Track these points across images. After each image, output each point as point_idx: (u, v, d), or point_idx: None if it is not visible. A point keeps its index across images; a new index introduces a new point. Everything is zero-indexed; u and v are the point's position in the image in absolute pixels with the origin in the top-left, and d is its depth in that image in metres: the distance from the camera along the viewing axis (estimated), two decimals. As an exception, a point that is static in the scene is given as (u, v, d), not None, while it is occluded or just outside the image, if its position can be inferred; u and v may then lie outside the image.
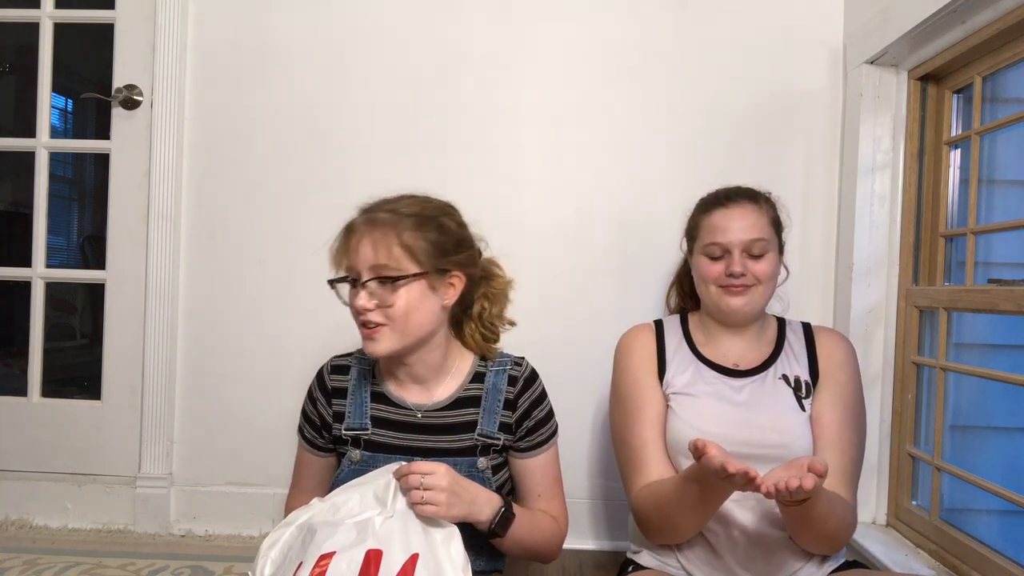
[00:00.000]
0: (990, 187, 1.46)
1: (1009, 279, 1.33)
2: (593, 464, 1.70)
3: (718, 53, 1.68)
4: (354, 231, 1.01)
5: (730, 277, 1.13)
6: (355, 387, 1.08)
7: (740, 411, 1.12)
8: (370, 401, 1.07)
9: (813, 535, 1.03)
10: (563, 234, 1.70)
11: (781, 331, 1.22)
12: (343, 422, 1.06)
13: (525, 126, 1.70)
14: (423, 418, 1.06)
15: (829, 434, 1.10)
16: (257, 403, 1.70)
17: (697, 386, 1.16)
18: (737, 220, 1.14)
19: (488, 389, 1.08)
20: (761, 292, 1.15)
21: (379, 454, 1.04)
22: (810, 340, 1.20)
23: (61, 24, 1.79)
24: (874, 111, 1.54)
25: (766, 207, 1.17)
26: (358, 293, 0.98)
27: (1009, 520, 1.52)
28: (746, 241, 1.13)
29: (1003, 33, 1.22)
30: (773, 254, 1.15)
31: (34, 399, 1.79)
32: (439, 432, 1.05)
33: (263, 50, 1.72)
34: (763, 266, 1.13)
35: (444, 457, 1.03)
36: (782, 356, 1.18)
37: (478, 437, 1.06)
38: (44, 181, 1.80)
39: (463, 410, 1.07)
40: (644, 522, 1.12)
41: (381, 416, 1.06)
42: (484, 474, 1.05)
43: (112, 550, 1.59)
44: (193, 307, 1.74)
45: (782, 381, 1.15)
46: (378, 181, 1.68)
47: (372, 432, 1.05)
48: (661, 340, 1.22)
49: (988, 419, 1.59)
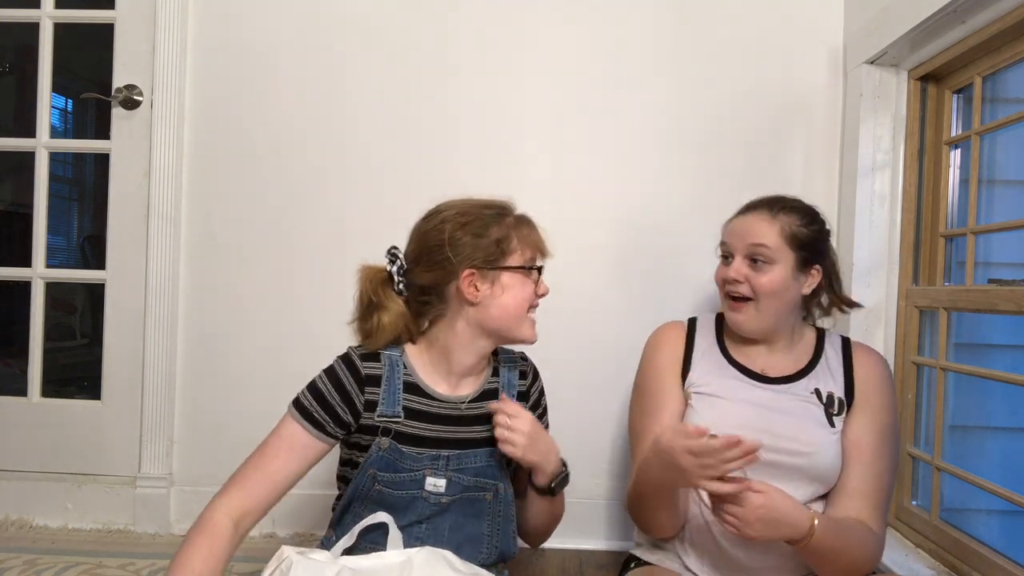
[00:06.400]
0: (990, 187, 1.46)
1: (1009, 279, 1.33)
2: (594, 464, 1.70)
3: (718, 53, 1.67)
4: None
5: (730, 283, 1.14)
6: (389, 375, 1.06)
7: (763, 416, 1.10)
8: (403, 391, 1.06)
9: (827, 568, 1.02)
10: (563, 234, 1.67)
11: (820, 343, 1.20)
12: (374, 411, 1.04)
13: (525, 126, 1.70)
14: (466, 410, 1.08)
15: (861, 458, 1.08)
16: (257, 403, 1.69)
17: (722, 386, 1.15)
18: (744, 225, 1.14)
19: (504, 384, 1.13)
20: (761, 309, 1.12)
21: (408, 445, 1.04)
22: (847, 357, 1.17)
23: (61, 24, 1.79)
24: (874, 111, 1.54)
25: (783, 217, 1.12)
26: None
27: (1009, 520, 1.52)
28: (747, 246, 1.12)
29: (1003, 33, 1.22)
30: (780, 269, 1.11)
31: (34, 399, 1.79)
32: (469, 423, 1.08)
33: (263, 50, 1.72)
34: (763, 279, 1.11)
35: (471, 448, 1.07)
36: (817, 369, 1.16)
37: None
38: (44, 181, 1.80)
39: (487, 401, 1.09)
40: (629, 510, 1.17)
41: (412, 407, 1.06)
42: (500, 462, 1.08)
43: (112, 550, 1.59)
44: (193, 307, 1.74)
45: (813, 395, 1.13)
46: (377, 181, 1.71)
47: (403, 422, 1.05)
48: (691, 340, 1.23)
49: (988, 419, 1.59)
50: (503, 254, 1.03)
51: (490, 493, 1.07)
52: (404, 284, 1.07)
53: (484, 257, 1.02)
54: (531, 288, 1.06)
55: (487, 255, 1.02)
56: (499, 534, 1.08)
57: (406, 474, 1.03)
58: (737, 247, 1.14)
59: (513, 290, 1.04)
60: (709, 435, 0.91)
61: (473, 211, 1.05)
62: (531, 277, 1.06)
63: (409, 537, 1.03)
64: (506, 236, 1.03)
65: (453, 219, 1.04)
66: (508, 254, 1.03)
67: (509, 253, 1.03)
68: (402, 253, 1.09)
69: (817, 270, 1.15)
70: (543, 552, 1.66)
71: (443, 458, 1.04)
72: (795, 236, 1.12)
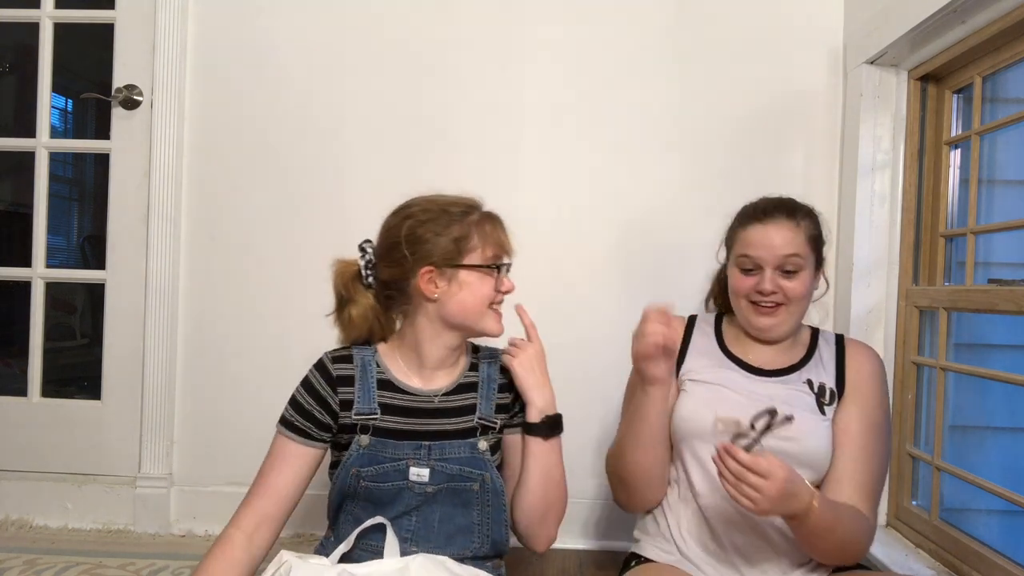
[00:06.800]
0: (990, 187, 1.46)
1: (1009, 279, 1.33)
2: (594, 464, 1.70)
3: (718, 53, 1.68)
4: None
5: (760, 294, 1.14)
6: (361, 375, 1.09)
7: (755, 401, 1.11)
8: (376, 388, 1.09)
9: (819, 547, 1.03)
10: (562, 234, 1.70)
11: (814, 341, 1.22)
12: (351, 409, 1.07)
13: (524, 126, 1.70)
14: (439, 403, 1.09)
15: (851, 445, 1.10)
16: (257, 403, 1.70)
17: (716, 376, 1.18)
18: (772, 236, 1.13)
19: (483, 378, 1.14)
20: (792, 311, 1.14)
21: (387, 439, 1.06)
22: (840, 351, 1.19)
23: (61, 24, 1.79)
24: (874, 111, 1.54)
25: (804, 223, 1.14)
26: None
27: (1009, 520, 1.52)
28: (779, 258, 1.12)
29: (1003, 33, 1.22)
30: (807, 272, 1.13)
31: (34, 399, 1.79)
32: (445, 415, 1.09)
33: (263, 50, 1.72)
34: (795, 284, 1.12)
35: (450, 440, 1.07)
36: (810, 363, 1.18)
37: (478, 420, 1.10)
38: (44, 181, 1.80)
39: (464, 395, 1.12)
40: (609, 476, 1.21)
41: (387, 403, 1.08)
42: (484, 455, 1.09)
43: (112, 550, 1.59)
44: (193, 307, 1.74)
45: (805, 385, 1.15)
46: (377, 181, 1.71)
47: (380, 418, 1.07)
48: (688, 335, 1.25)
49: (988, 419, 1.59)
50: (461, 252, 1.05)
51: (476, 483, 1.08)
52: (372, 278, 1.10)
53: (442, 255, 1.04)
54: (491, 285, 1.07)
55: (445, 253, 1.04)
56: (489, 523, 1.09)
57: (389, 464, 1.05)
58: (767, 259, 1.13)
59: (471, 287, 1.06)
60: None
61: (435, 209, 1.07)
62: (492, 274, 1.07)
63: (400, 530, 1.05)
64: (466, 234, 1.05)
65: (415, 216, 1.07)
66: (466, 252, 1.05)
67: (468, 251, 1.05)
68: (371, 248, 1.12)
69: (822, 268, 1.20)
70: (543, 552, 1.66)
71: (424, 447, 1.06)
72: (815, 239, 1.16)
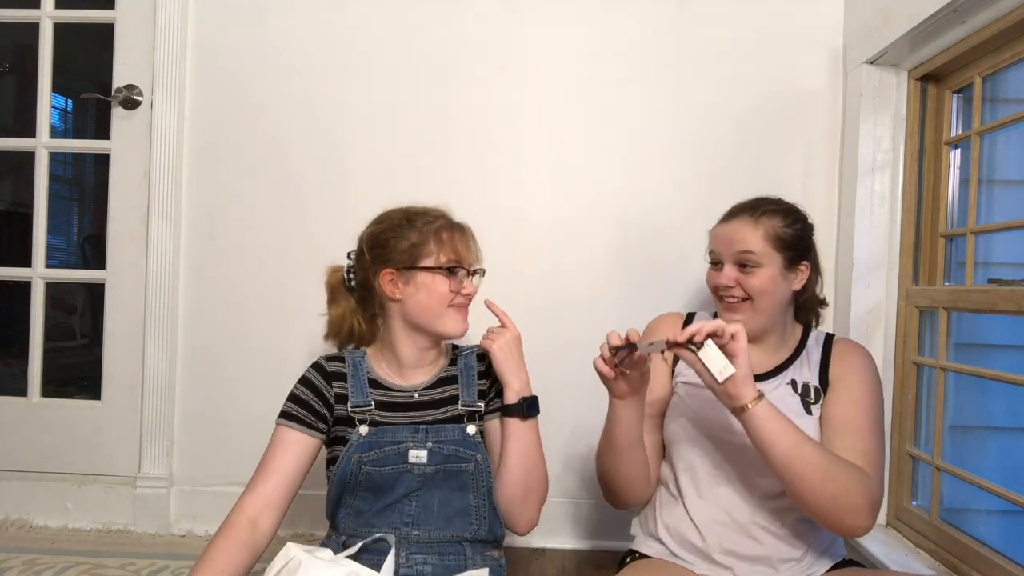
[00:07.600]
0: (990, 187, 1.46)
1: (1009, 279, 1.33)
2: (592, 465, 1.69)
3: (718, 53, 1.67)
4: None
5: (723, 289, 1.17)
6: (353, 372, 1.19)
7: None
8: (368, 386, 1.17)
9: (805, 489, 0.99)
10: (563, 233, 1.70)
11: (803, 341, 1.22)
12: (345, 403, 1.15)
13: (525, 126, 1.70)
14: (419, 397, 1.18)
15: (836, 422, 1.10)
16: (257, 403, 1.69)
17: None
18: (730, 232, 1.17)
19: (462, 369, 1.23)
20: (759, 308, 1.15)
21: (386, 427, 1.14)
22: (827, 349, 1.19)
23: (61, 24, 1.79)
24: (874, 111, 1.54)
25: (767, 221, 1.15)
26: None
27: (1009, 520, 1.52)
28: (734, 253, 1.16)
29: (1003, 33, 1.23)
30: (768, 270, 1.14)
31: (34, 399, 1.79)
32: (430, 407, 1.18)
33: (263, 50, 1.72)
34: (753, 280, 1.14)
35: (436, 425, 1.15)
36: (795, 364, 1.18)
37: (462, 407, 1.19)
38: (44, 181, 1.80)
39: (445, 387, 1.21)
40: (597, 476, 1.25)
41: (378, 399, 1.17)
42: (474, 438, 1.16)
43: (112, 550, 1.59)
44: (193, 307, 1.74)
45: (788, 387, 1.16)
46: (377, 181, 1.71)
47: (373, 411, 1.15)
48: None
49: (988, 419, 1.59)
50: (417, 256, 1.14)
51: (471, 464, 1.14)
52: (354, 282, 1.21)
53: (399, 258, 1.14)
54: (446, 286, 1.15)
55: (402, 257, 1.14)
56: (485, 505, 1.14)
57: (390, 448, 1.12)
58: (725, 254, 1.18)
59: (427, 287, 1.14)
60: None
61: (400, 217, 1.17)
62: (447, 276, 1.15)
63: (401, 515, 1.11)
64: (423, 240, 1.15)
65: (383, 223, 1.18)
66: (422, 256, 1.14)
67: (424, 256, 1.14)
68: (355, 255, 1.22)
69: (805, 266, 1.19)
70: (543, 552, 1.66)
71: (422, 430, 1.14)
72: (779, 238, 1.15)
